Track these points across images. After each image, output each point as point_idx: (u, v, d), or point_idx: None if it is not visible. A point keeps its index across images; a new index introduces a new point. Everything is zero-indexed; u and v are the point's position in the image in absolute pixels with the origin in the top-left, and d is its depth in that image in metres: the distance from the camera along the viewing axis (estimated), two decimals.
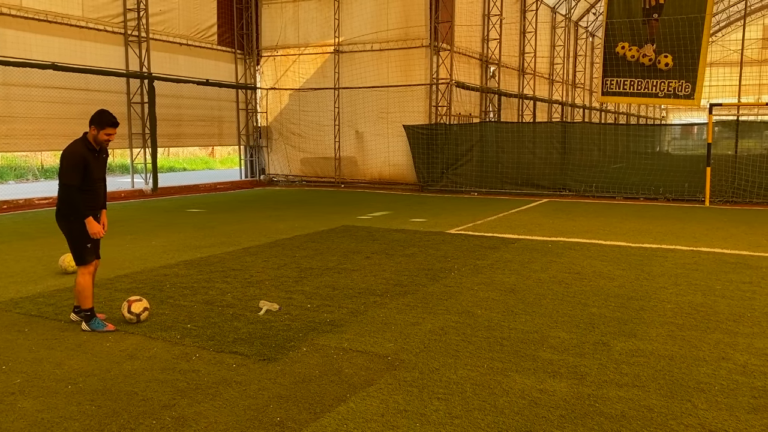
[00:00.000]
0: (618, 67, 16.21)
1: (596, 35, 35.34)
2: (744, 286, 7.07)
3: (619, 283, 7.20)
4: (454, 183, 18.61)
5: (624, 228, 11.48)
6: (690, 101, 15.70)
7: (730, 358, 4.77)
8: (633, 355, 4.83)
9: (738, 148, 16.20)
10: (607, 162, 18.19)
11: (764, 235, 10.62)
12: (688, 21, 15.17)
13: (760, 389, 4.19)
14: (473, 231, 11.10)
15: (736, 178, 15.43)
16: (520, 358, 4.78)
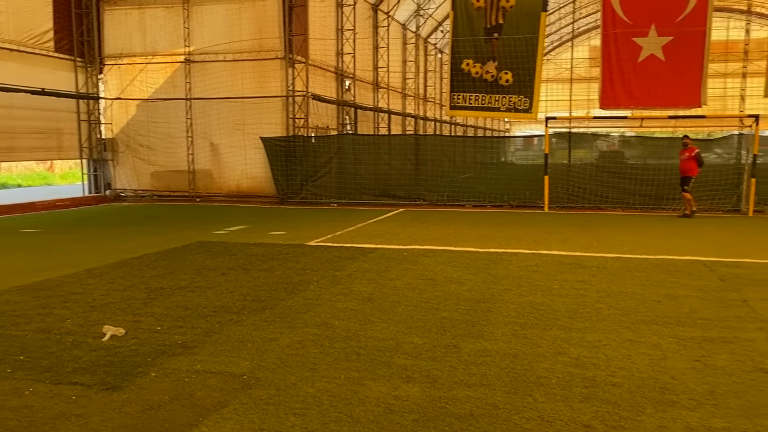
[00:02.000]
0: (464, 83, 17.14)
1: (444, 52, 37.11)
2: (578, 284, 7.73)
3: (468, 287, 7.58)
4: (314, 195, 18.64)
5: (473, 234, 12.12)
6: (529, 115, 16.96)
7: (565, 353, 5.19)
8: (481, 356, 5.10)
9: (571, 157, 17.72)
10: (458, 172, 19.16)
11: (595, 237, 11.69)
12: (525, 40, 16.42)
13: (591, 379, 4.60)
14: (333, 242, 11.17)
15: (570, 185, 16.87)
16: (375, 366, 4.87)
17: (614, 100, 16.39)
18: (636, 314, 6.35)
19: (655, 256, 9.60)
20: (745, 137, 16.28)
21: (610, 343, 5.44)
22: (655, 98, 16.20)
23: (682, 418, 3.94)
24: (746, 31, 17.88)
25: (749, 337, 5.57)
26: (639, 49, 15.96)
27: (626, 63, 16.06)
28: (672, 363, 4.94)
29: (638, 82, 16.05)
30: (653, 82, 15.94)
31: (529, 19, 16.40)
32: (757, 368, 4.81)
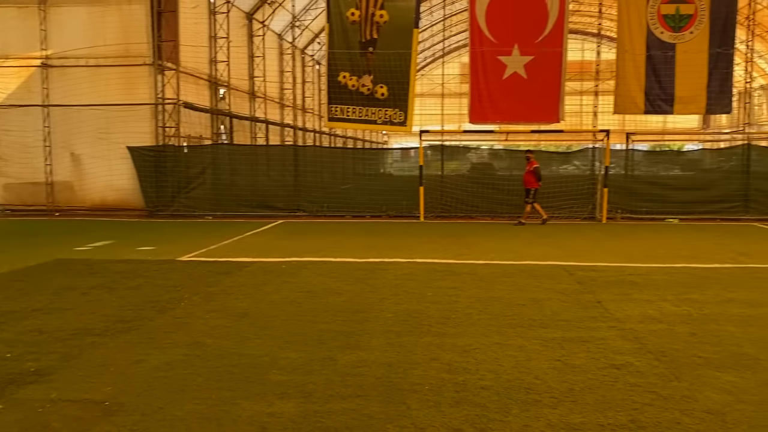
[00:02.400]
0: (341, 95, 17.28)
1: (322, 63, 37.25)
2: (450, 291, 8.01)
3: (347, 297, 7.61)
4: (187, 207, 17.93)
5: (352, 245, 12.21)
6: (404, 128, 17.39)
7: (438, 358, 5.34)
8: (357, 366, 5.12)
9: (444, 169, 18.38)
10: (337, 183, 19.25)
11: (466, 245, 12.17)
12: (399, 56, 16.86)
13: (461, 384, 4.76)
14: (207, 257, 10.80)
15: (444, 196, 17.48)
16: (249, 384, 4.75)
17: (482, 114, 17.22)
18: (503, 318, 6.67)
19: (520, 262, 10.15)
20: (599, 150, 17.69)
21: (480, 347, 5.67)
22: (519, 113, 17.21)
23: (544, 416, 4.18)
24: (597, 52, 19.46)
25: (602, 336, 6.03)
26: (504, 67, 16.89)
27: (492, 80, 16.94)
28: (535, 363, 5.23)
29: (504, 98, 16.97)
30: (517, 98, 16.92)
31: (402, 35, 16.86)
32: (609, 365, 5.21)
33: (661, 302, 7.41)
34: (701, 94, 16.80)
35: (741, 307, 7.22)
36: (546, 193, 17.01)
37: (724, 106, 17.37)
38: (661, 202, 16.98)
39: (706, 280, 8.72)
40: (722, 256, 10.88)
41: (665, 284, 8.45)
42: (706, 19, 16.50)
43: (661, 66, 16.77)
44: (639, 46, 16.79)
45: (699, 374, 4.99)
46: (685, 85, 16.80)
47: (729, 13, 16.57)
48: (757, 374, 4.99)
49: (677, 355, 5.45)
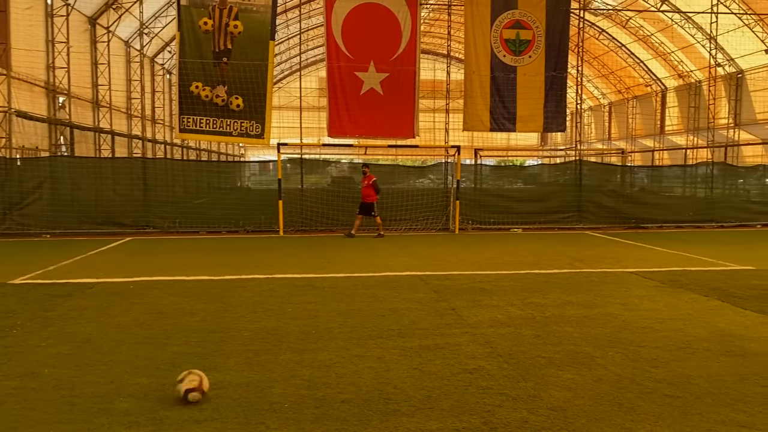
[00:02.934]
0: (194, 106, 16.66)
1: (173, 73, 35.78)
2: (310, 305, 7.95)
3: (201, 317, 7.30)
4: (21, 225, 16.31)
5: (207, 262, 11.76)
6: (261, 140, 17.12)
7: (298, 375, 5.27)
8: (212, 389, 4.90)
9: (304, 182, 18.31)
10: (191, 198, 18.45)
11: (327, 258, 12.18)
12: (254, 67, 16.60)
13: (321, 399, 4.73)
14: (43, 279, 9.86)
15: (304, 209, 17.41)
16: (92, 415, 4.38)
17: (341, 128, 17.42)
18: (364, 330, 6.74)
19: (380, 274, 10.34)
20: (451, 165, 18.55)
21: (340, 360, 5.67)
22: (377, 128, 17.62)
23: (403, 425, 4.26)
24: (447, 73, 20.46)
25: (457, 342, 6.28)
26: (361, 83, 17.23)
27: (350, 95, 17.22)
28: (394, 373, 5.33)
29: (361, 113, 17.31)
30: (374, 114, 17.33)
31: (258, 47, 16.63)
32: (463, 369, 5.43)
33: (508, 307, 7.87)
34: (539, 113, 18.22)
35: (578, 308, 7.86)
36: (403, 206, 17.55)
37: (559, 125, 18.94)
38: (507, 213, 18.12)
39: (547, 285, 9.41)
40: (560, 262, 11.80)
41: (512, 290, 8.99)
42: (543, 44, 17.97)
43: (504, 87, 17.99)
44: (484, 67, 17.89)
45: (543, 374, 5.34)
46: (525, 105, 18.13)
47: (562, 39, 18.16)
48: (593, 371, 5.44)
49: (523, 357, 5.81)
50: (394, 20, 17.26)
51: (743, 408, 4.59)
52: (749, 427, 4.25)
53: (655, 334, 6.67)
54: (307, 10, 37.12)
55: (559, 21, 18.08)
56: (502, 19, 17.84)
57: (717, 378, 5.24)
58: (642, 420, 4.37)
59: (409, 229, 17.27)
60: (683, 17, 30.10)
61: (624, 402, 4.71)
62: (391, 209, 17.49)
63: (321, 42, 43.69)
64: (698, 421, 4.36)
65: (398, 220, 17.40)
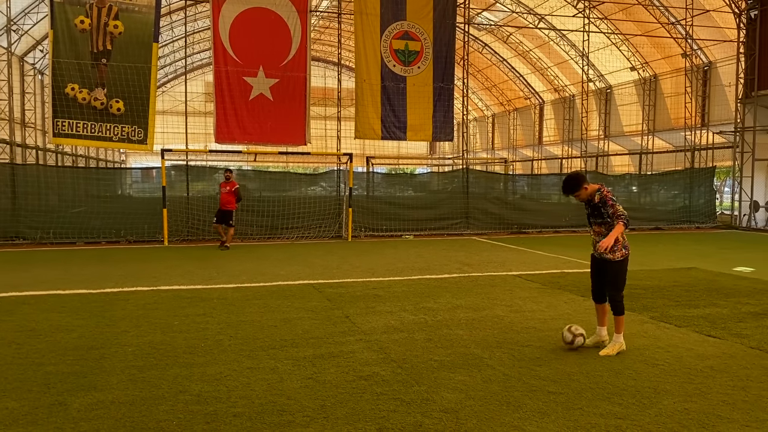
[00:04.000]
0: (69, 109, 15.63)
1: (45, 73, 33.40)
2: (198, 318, 7.66)
3: (79, 333, 6.82)
4: None
5: (85, 274, 11.03)
6: (144, 146, 16.35)
7: (186, 390, 5.04)
8: (93, 409, 4.59)
9: (190, 190, 17.66)
10: (67, 206, 17.23)
11: (215, 268, 11.79)
12: (136, 69, 15.84)
13: (212, 414, 4.55)
14: None
15: (191, 218, 16.79)
16: None
17: (229, 134, 17.01)
18: (255, 341, 6.57)
19: (271, 283, 10.15)
20: (343, 172, 18.62)
21: (231, 373, 5.50)
22: (266, 135, 17.36)
23: None
24: (338, 80, 20.55)
25: (351, 350, 6.28)
26: (250, 88, 16.93)
27: (238, 100, 16.86)
28: (288, 384, 5.24)
29: (250, 119, 16.99)
30: (264, 120, 17.08)
31: (140, 48, 15.90)
32: (358, 377, 5.43)
33: (401, 312, 7.98)
34: (428, 123, 18.74)
35: (467, 311, 8.11)
36: (295, 214, 17.38)
37: (447, 134, 19.57)
38: (399, 220, 18.45)
39: (438, 289, 9.65)
40: (450, 267, 12.16)
41: (404, 295, 9.14)
42: (431, 56, 18.51)
43: (394, 96, 18.34)
44: (375, 76, 18.16)
45: (435, 377, 5.45)
46: (415, 115, 18.59)
47: (448, 52, 18.80)
48: (482, 371, 5.62)
49: (416, 361, 5.90)
50: (283, 26, 17.12)
51: (618, 401, 4.91)
52: (624, 418, 4.56)
53: (539, 333, 7.01)
54: (192, 13, 35.94)
55: (446, 34, 18.71)
56: (392, 30, 18.19)
57: (595, 374, 5.58)
58: (529, 417, 4.56)
59: (301, 237, 17.14)
60: (558, 35, 32.10)
61: (512, 400, 4.90)
62: (283, 217, 17.27)
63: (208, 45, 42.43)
64: (579, 415, 4.61)
65: (290, 228, 17.22)
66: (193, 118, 39.09)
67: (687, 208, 22.03)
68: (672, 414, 4.63)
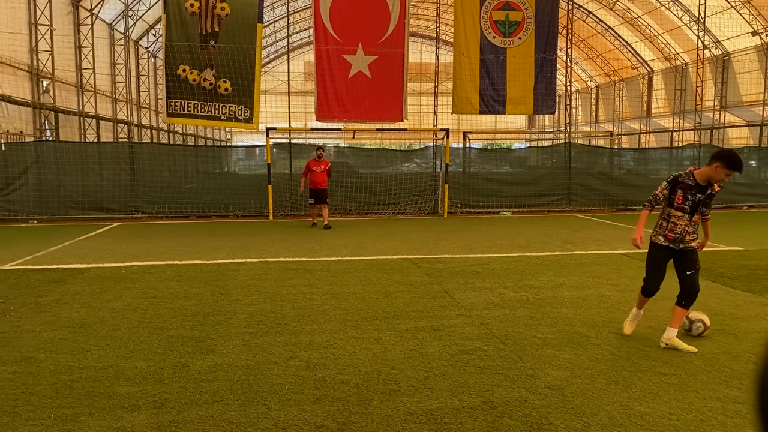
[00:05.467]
0: (181, 90, 16.48)
1: (158, 56, 35.32)
2: (304, 288, 7.96)
3: (196, 301, 7.28)
4: (7, 211, 16.13)
5: (198, 246, 11.70)
6: (249, 125, 16.99)
7: (296, 357, 5.29)
8: (212, 371, 4.92)
9: (293, 167, 18.22)
10: (179, 183, 18.30)
11: (318, 242, 12.17)
12: (242, 50, 16.42)
13: (321, 380, 4.75)
14: (33, 264, 9.78)
15: (293, 194, 17.34)
16: (93, 398, 4.37)
17: (329, 112, 17.32)
18: (359, 312, 6.76)
19: (371, 257, 10.35)
20: (439, 148, 18.54)
21: (337, 342, 5.70)
22: (365, 112, 17.53)
23: (403, 405, 4.29)
24: (436, 55, 20.35)
25: (452, 324, 6.32)
26: (349, 66, 17.12)
27: (338, 78, 17.10)
28: (392, 354, 5.36)
29: (349, 97, 17.21)
30: (362, 97, 17.24)
31: (246, 29, 16.44)
32: (460, 350, 5.47)
33: (501, 289, 7.93)
34: (529, 95, 18.23)
35: (571, 290, 7.93)
36: (390, 190, 17.54)
37: (549, 107, 18.97)
38: (496, 197, 18.19)
39: (539, 267, 9.48)
40: (551, 244, 11.88)
41: (504, 272, 9.05)
42: (532, 26, 17.93)
43: (494, 69, 17.95)
44: (474, 49, 17.84)
45: (539, 354, 5.40)
46: (515, 87, 18.12)
47: (551, 22, 18.13)
48: (588, 350, 5.51)
49: (519, 338, 5.86)
50: (382, 2, 17.12)
51: (737, 385, 4.67)
52: (744, 402, 4.33)
53: (647, 313, 6.74)
54: None
55: (549, 2, 18.04)
56: (492, 1, 17.76)
57: (710, 356, 5.33)
58: (639, 397, 4.44)
59: (397, 213, 17.29)
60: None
61: (620, 380, 4.77)
62: (379, 193, 17.48)
63: (307, 25, 43.28)
64: (694, 398, 4.43)
65: (386, 204, 17.40)
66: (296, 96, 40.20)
67: None
68: None
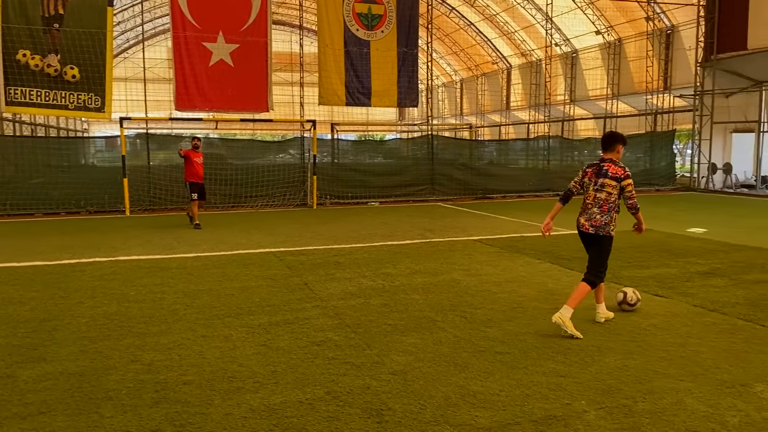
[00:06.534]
0: (22, 76, 15.14)
1: None
2: (156, 287, 7.63)
3: (32, 306, 6.75)
4: None
5: (42, 246, 10.86)
6: (101, 114, 15.97)
7: (138, 360, 5.06)
8: (41, 381, 4.59)
9: (154, 159, 17.37)
10: (24, 177, 16.84)
11: (176, 238, 11.71)
12: (91, 35, 15.36)
13: (162, 383, 4.58)
14: None
15: (152, 187, 16.55)
16: None
17: (189, 101, 16.70)
18: (212, 310, 6.59)
19: (231, 252, 10.13)
20: (307, 139, 18.48)
21: (185, 342, 5.52)
22: (228, 102, 17.08)
23: (246, 402, 4.24)
24: (300, 45, 20.20)
25: (307, 316, 6.34)
26: (209, 54, 16.58)
27: (198, 66, 16.52)
28: (241, 351, 5.28)
29: (211, 86, 16.68)
30: (225, 86, 16.78)
31: (94, 13, 15.40)
32: (311, 342, 5.51)
33: (360, 278, 8.06)
34: (393, 88, 18.63)
35: (425, 276, 8.22)
36: (259, 182, 17.26)
37: (412, 100, 19.50)
38: (365, 187, 18.46)
39: (399, 255, 9.74)
40: (412, 233, 12.26)
41: (365, 262, 9.21)
42: (394, 20, 18.31)
43: (358, 61, 18.15)
44: (338, 41, 17.92)
45: (388, 340, 5.55)
46: (379, 80, 18.45)
47: (412, 16, 18.61)
48: (434, 334, 5.74)
49: (371, 326, 5.99)
50: None
51: (562, 359, 5.07)
52: (566, 376, 4.71)
53: (492, 296, 7.16)
54: None
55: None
56: None
57: (542, 334, 5.74)
58: (474, 377, 4.69)
59: (265, 206, 17.05)
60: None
61: (459, 361, 5.02)
62: (247, 185, 17.14)
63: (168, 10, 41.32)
64: (523, 374, 4.76)
65: (254, 197, 17.11)
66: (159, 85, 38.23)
67: (648, 171, 22.45)
68: (611, 371, 4.80)
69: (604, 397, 4.30)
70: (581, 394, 4.37)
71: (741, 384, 4.53)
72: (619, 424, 3.89)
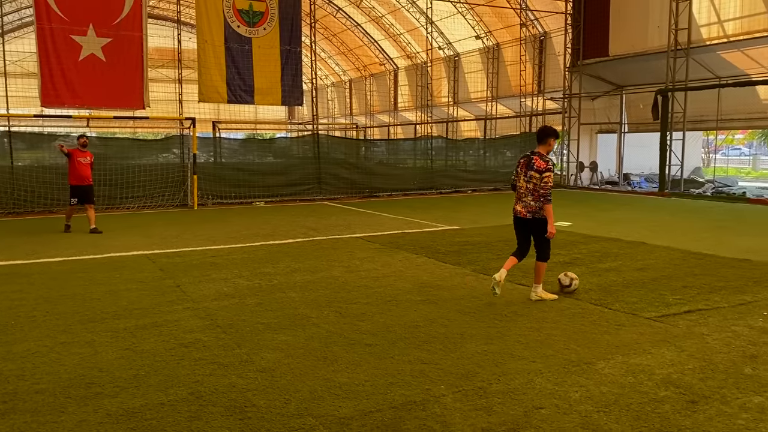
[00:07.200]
0: None
1: None
2: (14, 294, 7.15)
3: None
4: None
5: None
6: None
7: None
8: None
9: (20, 160, 16.14)
10: None
11: (40, 244, 10.97)
12: None
13: (11, 393, 4.32)
14: None
15: (16, 189, 15.40)
16: None
17: (57, 97, 15.70)
18: (74, 316, 6.27)
19: (101, 255, 9.66)
20: (186, 138, 17.90)
21: (41, 350, 5.23)
22: (100, 98, 16.22)
23: (103, 407, 4.09)
24: (178, 40, 19.54)
25: (176, 318, 6.18)
26: (79, 48, 15.67)
27: (66, 61, 15.56)
28: (103, 356, 5.08)
29: (81, 81, 15.77)
30: (96, 82, 15.92)
31: None
32: (179, 344, 5.38)
33: (236, 279, 7.96)
34: (276, 86, 18.47)
35: (304, 274, 8.25)
36: (136, 182, 16.52)
37: (296, 98, 19.42)
38: (249, 187, 18.15)
39: (279, 254, 9.70)
40: (295, 232, 12.23)
41: (243, 262, 9.10)
42: (276, 18, 18.15)
43: (239, 58, 17.83)
44: (218, 37, 17.52)
45: (259, 339, 5.54)
46: (262, 78, 18.22)
47: (295, 15, 18.54)
48: (307, 330, 5.79)
49: (242, 326, 5.94)
50: None
51: (428, 347, 5.29)
52: (429, 363, 4.92)
53: (368, 290, 7.31)
54: None
55: None
56: None
57: (411, 324, 5.95)
58: (342, 369, 4.79)
59: (142, 207, 16.36)
60: (408, 1, 32.71)
61: (329, 355, 5.10)
62: (123, 186, 16.36)
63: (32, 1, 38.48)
64: (389, 363, 4.92)
65: (130, 198, 16.36)
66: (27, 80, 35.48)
67: None
68: (472, 356, 5.07)
69: (462, 381, 4.54)
70: (441, 379, 4.58)
71: (585, 362, 4.93)
72: (473, 405, 4.12)
